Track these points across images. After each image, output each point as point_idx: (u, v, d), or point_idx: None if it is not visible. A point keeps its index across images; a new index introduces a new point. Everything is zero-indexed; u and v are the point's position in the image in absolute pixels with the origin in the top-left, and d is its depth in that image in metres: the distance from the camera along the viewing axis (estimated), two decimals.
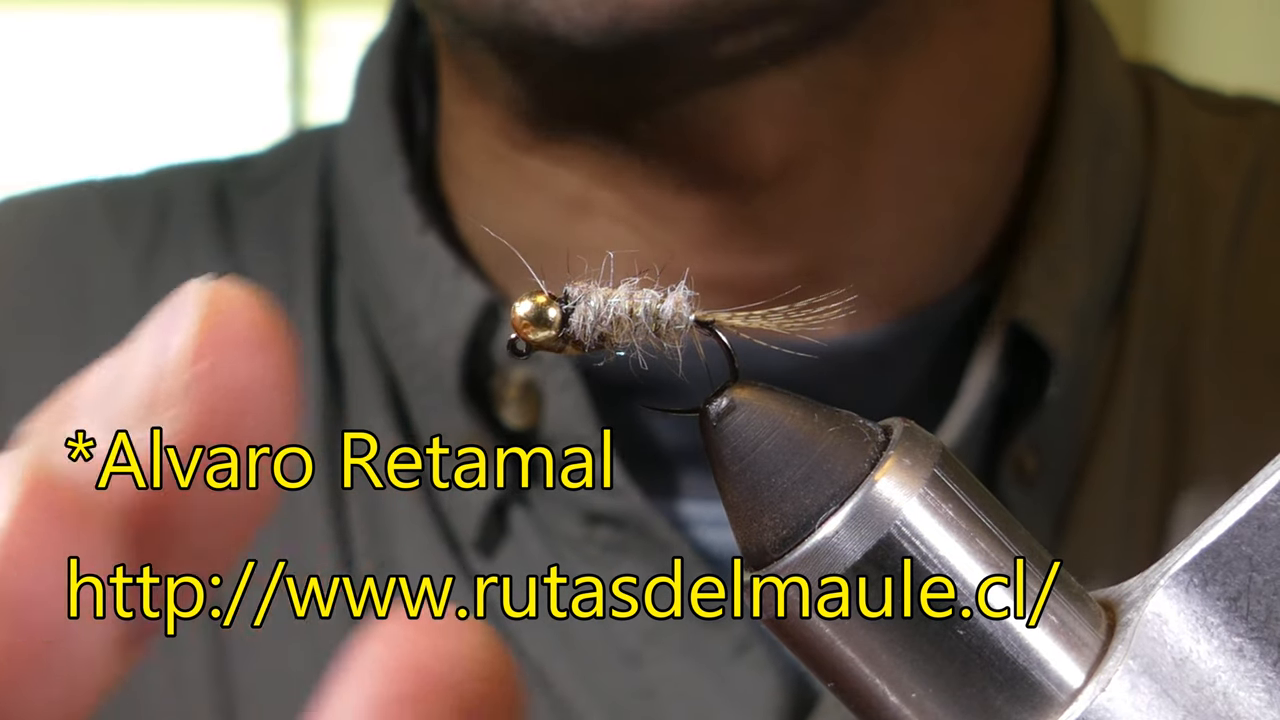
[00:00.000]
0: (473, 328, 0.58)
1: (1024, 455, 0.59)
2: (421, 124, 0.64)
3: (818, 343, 0.31)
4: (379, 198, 0.62)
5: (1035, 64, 0.61)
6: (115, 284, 0.65)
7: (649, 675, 0.57)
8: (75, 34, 3.07)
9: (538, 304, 0.31)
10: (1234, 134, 0.66)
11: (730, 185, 0.56)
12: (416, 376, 0.60)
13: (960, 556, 0.27)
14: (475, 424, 0.59)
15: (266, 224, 0.66)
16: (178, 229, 0.66)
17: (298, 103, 3.12)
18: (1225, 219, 0.64)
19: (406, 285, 0.60)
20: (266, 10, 3.13)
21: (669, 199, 0.56)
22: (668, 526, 0.57)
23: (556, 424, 0.57)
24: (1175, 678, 0.27)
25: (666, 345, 0.31)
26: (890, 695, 0.28)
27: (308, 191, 0.66)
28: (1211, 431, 0.61)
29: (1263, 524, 0.27)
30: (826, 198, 0.57)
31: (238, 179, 0.68)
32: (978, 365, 0.57)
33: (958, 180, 0.59)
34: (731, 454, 0.29)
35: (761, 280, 0.57)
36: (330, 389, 0.62)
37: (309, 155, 0.68)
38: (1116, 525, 0.60)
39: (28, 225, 0.69)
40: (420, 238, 0.60)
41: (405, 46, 0.65)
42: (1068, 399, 0.59)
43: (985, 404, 0.57)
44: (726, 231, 0.57)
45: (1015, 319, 0.57)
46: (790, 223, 0.57)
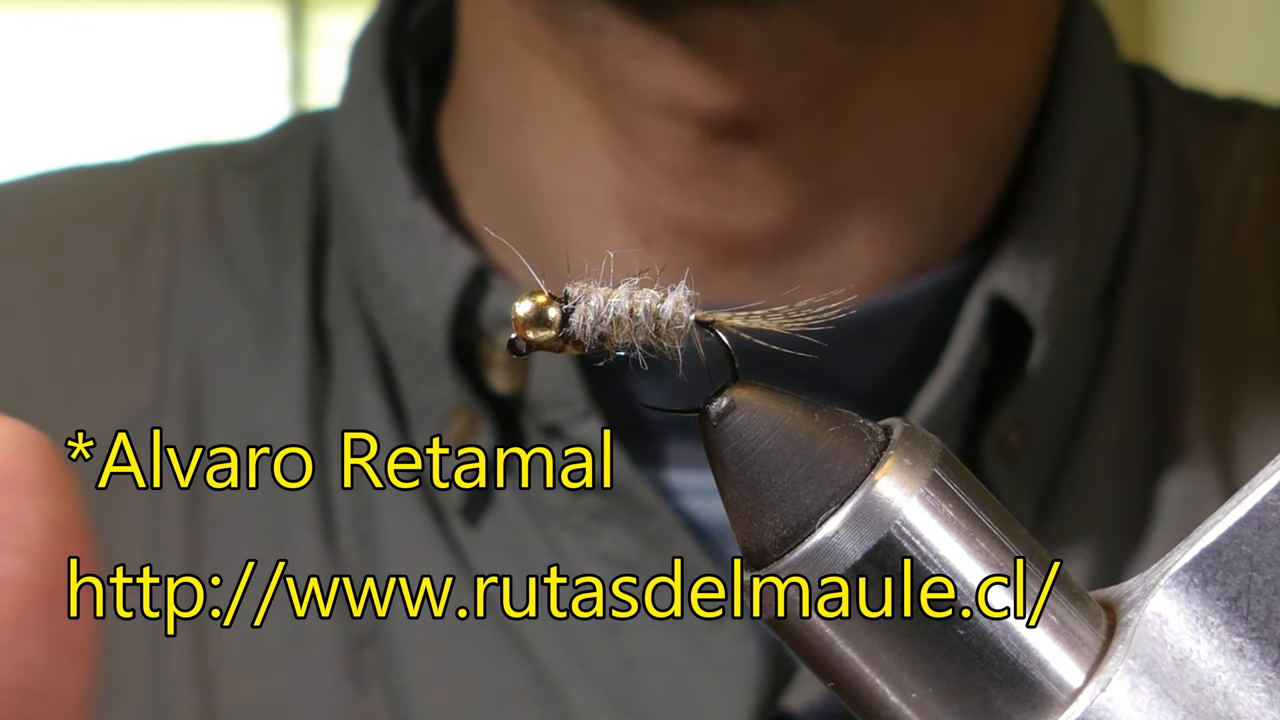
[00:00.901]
0: (460, 292, 0.59)
1: (1008, 431, 0.59)
2: (413, 104, 0.65)
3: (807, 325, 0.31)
4: (370, 169, 0.62)
5: (1033, 72, 0.62)
6: (98, 265, 0.65)
7: (630, 645, 0.58)
8: (75, 34, 3.07)
9: (538, 304, 0.31)
10: (1225, 135, 0.67)
11: (703, 112, 0.56)
12: (405, 347, 0.61)
13: (960, 556, 0.27)
14: (462, 390, 0.59)
15: (256, 202, 0.66)
16: (164, 209, 0.66)
17: (298, 103, 3.12)
18: (1216, 218, 0.65)
19: (396, 254, 0.60)
20: (266, 10, 3.13)
21: (646, 119, 0.57)
22: (654, 494, 0.57)
23: (543, 388, 0.58)
24: (1175, 678, 0.27)
25: (666, 345, 0.31)
26: (890, 695, 0.28)
27: (300, 171, 0.67)
28: (1198, 420, 0.61)
29: (1263, 524, 0.27)
30: (798, 166, 0.57)
31: (227, 159, 0.69)
32: (959, 335, 0.58)
33: (945, 172, 0.60)
34: (732, 454, 0.29)
35: (732, 234, 0.58)
36: (316, 361, 0.62)
37: (302, 137, 0.69)
38: (1101, 506, 0.60)
39: (7, 211, 0.69)
40: (410, 205, 0.60)
41: (397, 30, 0.66)
42: (1052, 378, 0.59)
43: (965, 373, 0.58)
44: (697, 169, 0.57)
45: (996, 290, 0.58)
46: (762, 181, 0.57)
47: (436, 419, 0.60)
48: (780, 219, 0.58)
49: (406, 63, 0.66)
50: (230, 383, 0.62)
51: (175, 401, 0.62)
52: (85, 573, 0.26)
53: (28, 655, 0.25)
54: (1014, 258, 0.58)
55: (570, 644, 0.58)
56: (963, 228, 0.61)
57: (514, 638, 0.58)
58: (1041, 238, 0.59)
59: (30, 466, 0.26)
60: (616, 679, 0.58)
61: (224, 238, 0.65)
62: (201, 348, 0.63)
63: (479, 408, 0.59)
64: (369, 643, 0.58)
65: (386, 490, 0.60)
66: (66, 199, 0.69)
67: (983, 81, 0.60)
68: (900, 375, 0.59)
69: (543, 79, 0.59)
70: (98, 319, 0.64)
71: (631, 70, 0.57)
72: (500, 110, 0.61)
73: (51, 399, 0.63)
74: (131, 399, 0.62)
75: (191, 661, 0.58)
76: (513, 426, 0.60)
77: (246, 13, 3.13)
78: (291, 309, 0.63)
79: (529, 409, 0.58)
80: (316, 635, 0.58)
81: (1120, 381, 0.61)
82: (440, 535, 0.59)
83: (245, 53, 3.12)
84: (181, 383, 0.62)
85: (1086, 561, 0.59)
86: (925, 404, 0.57)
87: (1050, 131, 0.61)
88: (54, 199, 0.70)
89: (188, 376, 0.62)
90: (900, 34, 0.57)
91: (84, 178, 0.71)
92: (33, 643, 0.25)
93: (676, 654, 0.57)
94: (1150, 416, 0.62)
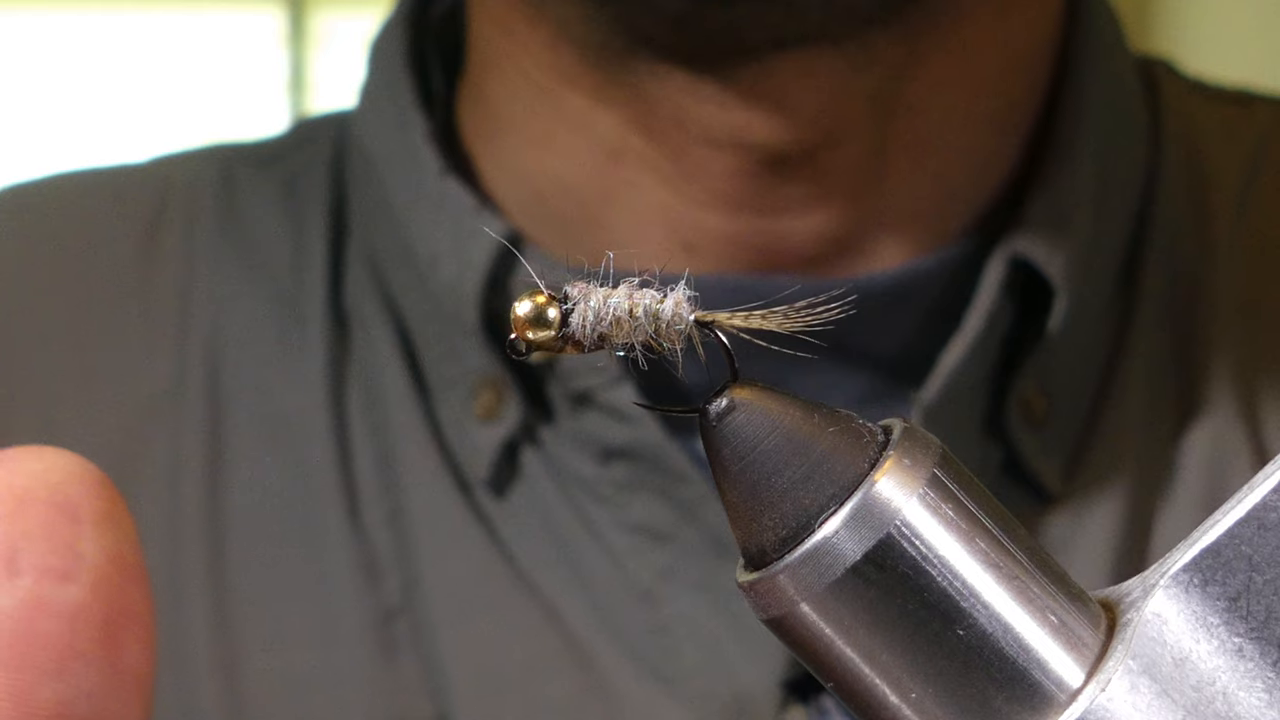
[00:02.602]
0: (494, 261, 0.59)
1: (1032, 396, 0.60)
2: (438, 87, 0.65)
3: (829, 283, 0.31)
4: (398, 150, 0.63)
5: (1050, 42, 0.63)
6: (117, 257, 0.65)
7: (663, 613, 0.58)
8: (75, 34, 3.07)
9: (538, 304, 0.31)
10: (1233, 119, 0.69)
11: (763, 146, 0.57)
12: (431, 324, 0.61)
13: (960, 556, 0.27)
14: (493, 360, 0.59)
15: (274, 194, 0.66)
16: (181, 204, 0.67)
17: (298, 103, 3.12)
18: (1228, 195, 0.66)
19: (426, 229, 0.61)
20: (266, 10, 3.12)
21: (700, 150, 0.57)
22: (685, 459, 0.58)
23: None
24: (1175, 678, 0.27)
25: (666, 345, 0.31)
26: (890, 695, 0.28)
27: (318, 164, 0.67)
28: (1223, 382, 0.62)
29: (1263, 524, 0.27)
30: (851, 168, 0.58)
31: (244, 156, 0.69)
32: (980, 294, 0.59)
33: (979, 149, 0.61)
34: (731, 454, 0.29)
35: (780, 242, 0.58)
36: (336, 344, 0.62)
37: (318, 133, 0.69)
38: (1128, 470, 0.61)
39: (25, 211, 0.70)
40: (440, 181, 0.61)
41: (419, 20, 0.66)
42: (1075, 342, 0.60)
43: (987, 332, 0.58)
44: (751, 191, 0.58)
45: (1017, 253, 0.59)
46: (814, 190, 0.58)
47: (462, 393, 0.60)
48: (828, 225, 0.59)
49: (429, 49, 0.66)
50: (250, 367, 0.63)
51: (195, 385, 0.62)
52: (141, 604, 0.26)
53: (85, 685, 0.25)
54: (1034, 222, 0.59)
55: (601, 612, 0.58)
56: (985, 194, 0.61)
57: (544, 607, 0.58)
58: (1061, 203, 0.60)
59: (90, 498, 0.26)
60: (648, 646, 0.58)
61: (242, 229, 0.66)
62: (221, 334, 0.63)
63: (508, 378, 0.59)
64: (398, 616, 0.59)
65: (412, 465, 0.60)
66: (84, 196, 0.70)
67: (1012, 56, 0.61)
68: (926, 342, 0.60)
69: (579, 104, 0.59)
70: (116, 309, 0.64)
71: (690, 110, 0.57)
72: (527, 128, 0.61)
73: (71, 387, 0.63)
74: (150, 383, 0.62)
75: (216, 640, 0.59)
76: (539, 398, 0.60)
77: (246, 13, 3.13)
78: (311, 296, 0.63)
79: (559, 376, 0.59)
80: (344, 610, 0.59)
81: (1144, 348, 0.62)
82: (468, 507, 0.60)
83: (245, 53, 3.12)
84: (201, 367, 0.63)
85: (1114, 525, 0.60)
86: (948, 363, 0.58)
87: (1066, 100, 0.62)
88: (71, 196, 0.70)
89: (207, 361, 0.63)
90: (950, 21, 0.58)
91: (101, 177, 0.71)
92: (90, 672, 0.25)
93: (708, 621, 0.57)
94: (1175, 380, 0.62)
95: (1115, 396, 0.62)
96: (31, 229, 0.68)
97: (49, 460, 0.26)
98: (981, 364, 0.59)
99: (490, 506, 0.60)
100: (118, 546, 0.26)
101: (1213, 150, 0.66)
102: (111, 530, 0.26)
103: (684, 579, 0.58)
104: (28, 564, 0.25)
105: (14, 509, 0.26)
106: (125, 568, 0.26)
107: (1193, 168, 0.66)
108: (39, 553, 0.25)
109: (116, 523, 0.26)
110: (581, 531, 0.59)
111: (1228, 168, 0.66)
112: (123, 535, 0.26)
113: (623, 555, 0.58)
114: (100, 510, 0.26)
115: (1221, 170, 0.66)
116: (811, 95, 0.56)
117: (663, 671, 0.57)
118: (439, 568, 0.59)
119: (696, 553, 0.58)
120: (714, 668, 0.57)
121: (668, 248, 0.58)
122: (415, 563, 0.59)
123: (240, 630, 0.59)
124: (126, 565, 0.26)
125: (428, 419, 0.61)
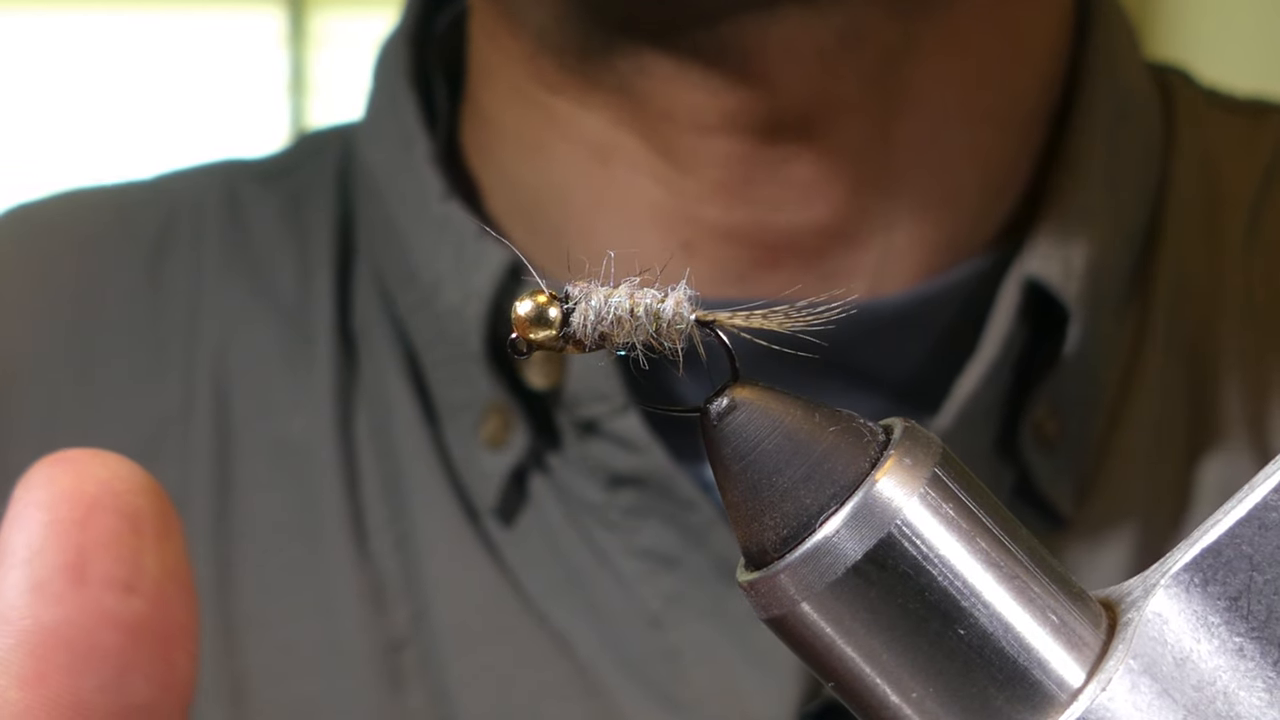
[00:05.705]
0: (497, 288, 0.58)
1: (1044, 419, 0.59)
2: (441, 106, 0.65)
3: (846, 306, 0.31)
4: (401, 171, 0.62)
5: (1059, 39, 0.62)
6: (124, 277, 0.65)
7: (672, 638, 0.57)
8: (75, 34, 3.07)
9: (538, 303, 0.31)
10: (1248, 131, 0.68)
11: (753, 123, 0.56)
12: (437, 348, 0.60)
13: (961, 556, 0.27)
14: (498, 387, 0.59)
15: (280, 211, 0.66)
16: (188, 222, 0.66)
17: (298, 103, 3.12)
18: (1241, 210, 0.65)
19: (429, 253, 0.60)
20: (266, 10, 3.13)
21: (692, 139, 0.57)
22: (693, 486, 0.57)
23: (580, 382, 0.57)
24: (1176, 677, 0.27)
25: (667, 345, 0.31)
26: (891, 695, 0.28)
27: (324, 180, 0.67)
28: (1234, 401, 0.61)
29: (1263, 524, 0.27)
30: (851, 156, 0.57)
31: (249, 171, 0.69)
32: (995, 320, 0.58)
33: (983, 148, 0.60)
34: (732, 453, 0.29)
35: (781, 234, 0.58)
36: (344, 367, 0.62)
37: (324, 148, 0.69)
38: (1140, 492, 0.60)
39: (31, 232, 0.69)
40: (443, 205, 0.60)
41: (422, 36, 0.66)
42: (1087, 364, 0.60)
43: (1002, 358, 0.58)
44: (747, 178, 0.57)
45: (1030, 275, 0.58)
46: (813, 178, 0.57)
47: (470, 419, 0.60)
48: (830, 214, 0.58)
49: (433, 66, 0.66)
50: (258, 390, 0.62)
51: (203, 409, 0.62)
52: (191, 619, 0.26)
53: (139, 698, 0.26)
54: (1047, 242, 0.59)
55: (611, 639, 0.58)
56: (997, 211, 0.61)
57: (553, 635, 0.58)
58: (1073, 220, 0.59)
59: (150, 510, 0.26)
60: (659, 673, 0.57)
61: (249, 247, 0.65)
62: (229, 356, 0.63)
63: (514, 405, 0.59)
64: (406, 645, 0.58)
65: (419, 492, 0.60)
66: (91, 215, 0.69)
67: (1017, 45, 0.60)
68: (938, 365, 0.59)
69: (567, 111, 0.59)
70: (124, 329, 0.64)
71: (677, 98, 0.56)
72: (520, 137, 0.61)
73: (78, 410, 0.63)
74: (158, 406, 0.62)
75: (223, 668, 0.58)
76: (546, 424, 0.60)
77: (246, 13, 3.13)
78: (319, 317, 0.63)
79: (565, 404, 0.58)
80: (351, 638, 0.58)
81: (1155, 367, 0.62)
82: (475, 535, 0.59)
83: (245, 53, 3.12)
84: (209, 390, 0.62)
85: (1127, 547, 0.59)
86: (963, 390, 0.57)
87: (1077, 113, 0.61)
88: (77, 217, 0.70)
89: (215, 383, 0.62)
90: (944, 2, 0.57)
91: (106, 196, 0.71)
92: (144, 686, 0.26)
93: (719, 647, 0.57)
94: (1186, 400, 0.62)
95: (1126, 417, 0.61)
96: (37, 251, 0.68)
97: (113, 468, 0.26)
98: (996, 389, 0.58)
99: (498, 534, 0.59)
100: (175, 560, 0.26)
101: (1226, 163, 0.66)
102: (169, 543, 0.26)
103: (693, 604, 0.58)
104: (95, 574, 0.25)
105: (84, 516, 0.26)
106: (180, 581, 0.26)
107: (1206, 180, 0.65)
108: (106, 563, 0.25)
109: (173, 536, 0.26)
110: (590, 558, 0.59)
111: (1241, 180, 0.65)
112: (178, 549, 0.27)
113: (631, 581, 0.58)
114: (159, 523, 0.26)
115: (1235, 183, 0.65)
116: (797, 68, 0.55)
117: (673, 697, 0.57)
118: (447, 596, 0.59)
119: (706, 578, 0.57)
120: (725, 693, 0.57)
121: (665, 247, 0.58)
122: (423, 591, 0.59)
123: (247, 658, 0.58)
124: (181, 579, 0.26)
125: (435, 444, 0.60)
